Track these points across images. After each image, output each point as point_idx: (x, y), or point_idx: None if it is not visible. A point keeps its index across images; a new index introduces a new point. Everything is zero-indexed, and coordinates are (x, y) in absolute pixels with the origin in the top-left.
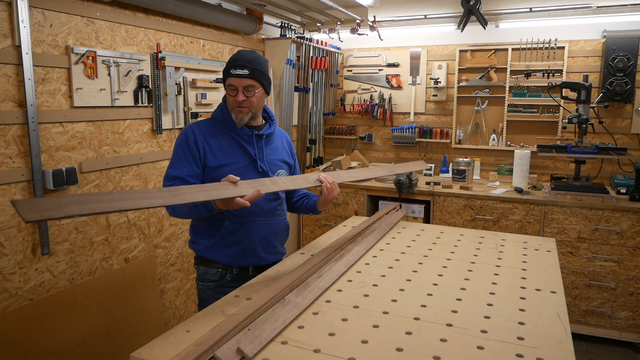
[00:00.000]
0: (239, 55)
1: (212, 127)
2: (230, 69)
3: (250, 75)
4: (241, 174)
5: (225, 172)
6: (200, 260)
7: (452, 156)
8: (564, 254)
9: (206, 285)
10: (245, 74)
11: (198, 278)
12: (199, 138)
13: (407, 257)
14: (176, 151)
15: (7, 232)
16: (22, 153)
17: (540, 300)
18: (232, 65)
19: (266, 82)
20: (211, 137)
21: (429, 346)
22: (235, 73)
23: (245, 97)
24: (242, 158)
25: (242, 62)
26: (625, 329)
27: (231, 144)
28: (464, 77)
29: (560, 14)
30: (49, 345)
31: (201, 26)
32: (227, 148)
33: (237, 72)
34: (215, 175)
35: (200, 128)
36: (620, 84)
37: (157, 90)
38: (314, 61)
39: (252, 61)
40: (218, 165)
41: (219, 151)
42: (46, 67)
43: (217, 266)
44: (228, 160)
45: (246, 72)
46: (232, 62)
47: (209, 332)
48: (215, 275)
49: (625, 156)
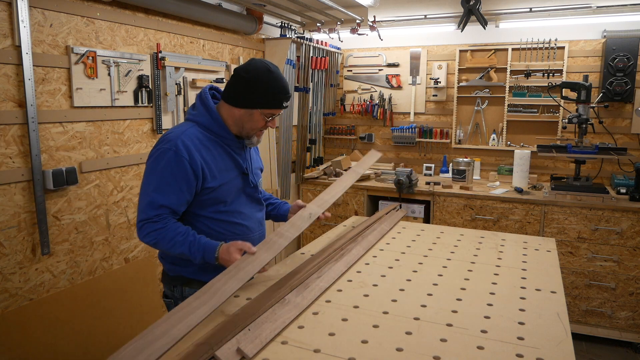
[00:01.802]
0: (285, 83)
1: (204, 139)
2: (282, 101)
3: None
4: (236, 190)
5: (224, 191)
6: (185, 281)
7: (452, 156)
8: (564, 254)
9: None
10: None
11: (181, 299)
12: (196, 156)
13: (407, 257)
14: (163, 172)
15: (7, 232)
16: (22, 153)
17: (540, 300)
18: (284, 97)
19: None
20: (206, 151)
21: (429, 346)
22: (285, 105)
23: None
24: (235, 173)
25: (289, 93)
26: (625, 329)
27: (224, 157)
28: (464, 77)
29: (560, 14)
30: (49, 345)
31: (201, 26)
32: (222, 163)
33: (286, 104)
34: (213, 196)
35: (193, 142)
36: (620, 84)
37: (157, 90)
38: (314, 61)
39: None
40: (218, 185)
41: (216, 169)
42: (46, 67)
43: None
44: (225, 178)
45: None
46: (283, 93)
47: (209, 332)
48: None
49: (625, 156)
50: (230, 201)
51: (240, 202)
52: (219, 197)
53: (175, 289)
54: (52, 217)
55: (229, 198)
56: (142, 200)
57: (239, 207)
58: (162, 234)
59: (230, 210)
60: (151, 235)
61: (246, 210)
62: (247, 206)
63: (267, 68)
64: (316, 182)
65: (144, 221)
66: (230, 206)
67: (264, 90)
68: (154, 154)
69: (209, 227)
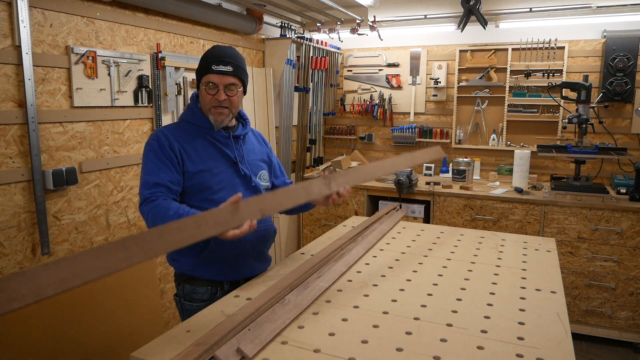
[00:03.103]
0: (218, 51)
1: (184, 132)
2: (211, 65)
3: (233, 73)
4: (223, 179)
5: (206, 177)
6: (185, 278)
7: (452, 156)
8: (564, 254)
9: (195, 305)
10: (229, 70)
11: (184, 298)
12: (173, 142)
13: (407, 257)
14: (149, 157)
15: (7, 232)
16: (22, 153)
17: (540, 300)
18: (213, 60)
19: (246, 81)
20: (185, 141)
21: (429, 346)
22: (218, 69)
23: (226, 95)
24: (222, 162)
25: (225, 57)
26: (625, 329)
27: (208, 147)
28: (464, 77)
29: (560, 14)
30: (49, 346)
31: (201, 26)
32: (204, 153)
33: (220, 68)
34: (195, 182)
35: (172, 132)
36: (620, 84)
37: (157, 90)
38: (314, 61)
39: (235, 57)
40: (198, 170)
41: (196, 156)
42: (46, 67)
43: (206, 284)
44: (208, 165)
45: (229, 68)
46: (212, 57)
47: (209, 332)
48: (205, 294)
49: (625, 156)
50: (218, 190)
51: (231, 192)
52: (202, 184)
53: (179, 287)
54: (52, 217)
55: (215, 186)
56: (140, 187)
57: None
58: (156, 209)
59: (218, 200)
60: (150, 214)
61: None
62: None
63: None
64: None
65: (142, 203)
66: (218, 195)
67: (200, 61)
68: (144, 151)
69: None
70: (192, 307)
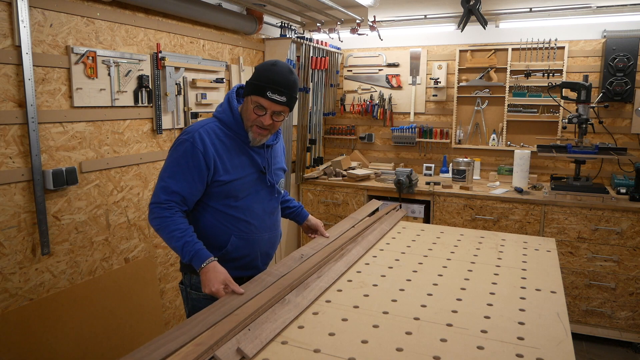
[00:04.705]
0: (279, 78)
1: (222, 135)
2: (266, 91)
3: (286, 103)
4: (250, 187)
5: (236, 186)
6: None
7: (452, 156)
8: (564, 254)
9: (202, 295)
10: (283, 101)
11: (190, 287)
12: (209, 150)
13: (407, 257)
14: (179, 161)
15: (7, 232)
16: (22, 153)
17: (540, 300)
18: (271, 87)
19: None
20: (222, 146)
21: (429, 346)
22: (272, 98)
23: (271, 120)
24: (252, 171)
25: (282, 87)
26: (625, 329)
27: (241, 155)
28: (464, 77)
29: (560, 14)
30: (49, 345)
31: (201, 26)
32: (237, 160)
33: (275, 97)
34: (224, 190)
35: (209, 136)
36: (620, 84)
37: (157, 90)
38: (314, 61)
39: (292, 87)
40: (230, 180)
41: (230, 164)
42: (46, 67)
43: None
44: (239, 174)
45: (284, 99)
46: (271, 82)
47: (209, 332)
48: None
49: (625, 156)
50: (243, 197)
51: (253, 199)
52: (230, 192)
53: (185, 277)
54: (52, 217)
55: (241, 194)
56: (158, 185)
57: (251, 205)
58: (165, 223)
59: (240, 207)
60: (157, 220)
61: (258, 209)
62: (260, 204)
63: (273, 62)
64: (316, 182)
65: (155, 204)
66: (241, 202)
67: (256, 77)
68: (174, 143)
69: (216, 219)
70: (198, 297)
